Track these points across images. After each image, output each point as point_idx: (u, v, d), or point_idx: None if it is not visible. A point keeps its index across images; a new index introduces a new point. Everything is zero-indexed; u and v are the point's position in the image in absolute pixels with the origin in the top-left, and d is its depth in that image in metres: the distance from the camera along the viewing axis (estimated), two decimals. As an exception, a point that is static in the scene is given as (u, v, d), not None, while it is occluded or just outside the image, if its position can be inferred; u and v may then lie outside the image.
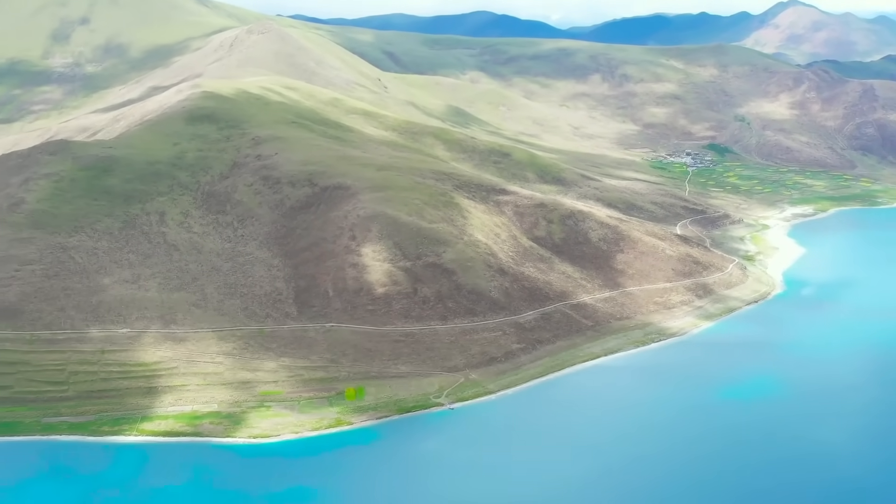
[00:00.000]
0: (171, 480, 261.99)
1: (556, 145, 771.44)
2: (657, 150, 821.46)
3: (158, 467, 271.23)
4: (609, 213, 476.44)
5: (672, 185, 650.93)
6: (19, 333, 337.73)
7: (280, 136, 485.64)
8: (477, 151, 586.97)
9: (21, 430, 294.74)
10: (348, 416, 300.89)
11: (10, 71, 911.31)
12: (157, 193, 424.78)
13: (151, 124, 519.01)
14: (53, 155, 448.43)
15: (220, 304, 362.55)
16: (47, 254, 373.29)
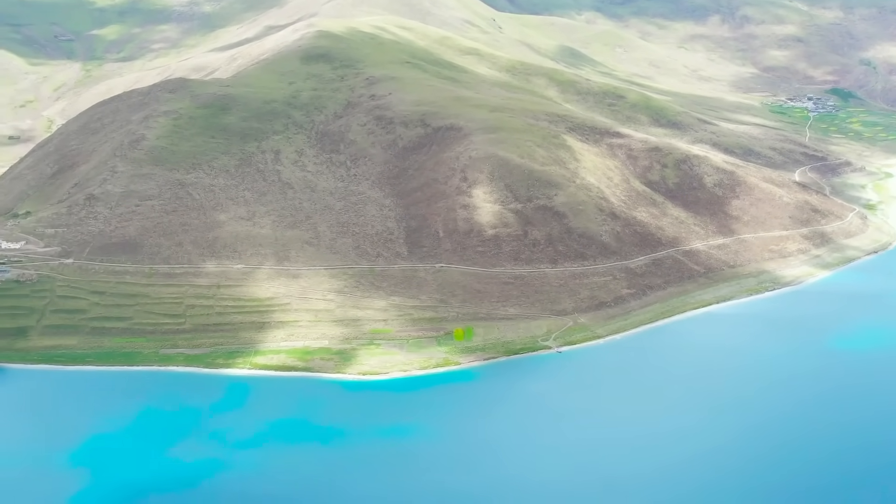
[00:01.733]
0: (283, 413, 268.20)
1: (672, 88, 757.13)
2: (777, 94, 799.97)
3: (270, 400, 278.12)
4: (725, 158, 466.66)
5: (791, 130, 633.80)
6: (139, 267, 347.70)
7: (394, 76, 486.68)
8: (591, 93, 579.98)
9: (139, 361, 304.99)
10: (456, 357, 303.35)
11: (130, 9, 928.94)
12: (272, 132, 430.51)
13: (267, 63, 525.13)
14: (173, 93, 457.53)
15: (333, 243, 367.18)
16: (166, 190, 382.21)
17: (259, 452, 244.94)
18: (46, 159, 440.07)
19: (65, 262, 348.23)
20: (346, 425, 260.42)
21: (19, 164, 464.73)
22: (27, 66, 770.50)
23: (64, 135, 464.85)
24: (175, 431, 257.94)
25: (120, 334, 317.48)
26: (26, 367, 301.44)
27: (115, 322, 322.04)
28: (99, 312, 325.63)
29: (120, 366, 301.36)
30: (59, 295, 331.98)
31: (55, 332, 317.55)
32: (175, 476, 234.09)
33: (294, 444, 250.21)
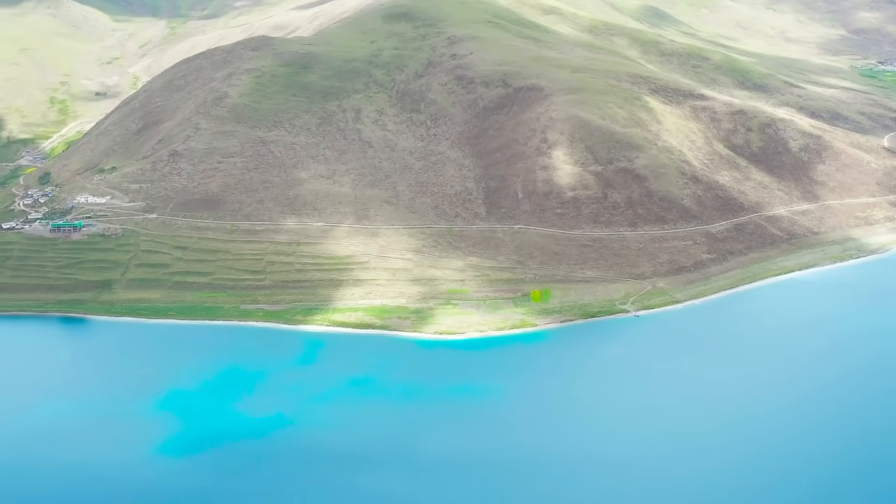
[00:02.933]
0: (358, 370, 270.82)
1: (758, 49, 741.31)
2: (867, 57, 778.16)
3: (346, 357, 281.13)
4: (811, 123, 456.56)
5: (882, 94, 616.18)
6: (220, 223, 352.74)
7: (475, 36, 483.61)
8: (674, 54, 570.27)
9: (220, 315, 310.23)
10: (532, 318, 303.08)
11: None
12: (353, 91, 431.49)
13: (349, 22, 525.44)
14: (255, 51, 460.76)
15: (411, 202, 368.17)
16: (248, 147, 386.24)
17: (334, 408, 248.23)
18: (131, 116, 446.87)
19: (149, 217, 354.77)
20: (421, 383, 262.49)
21: (105, 121, 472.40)
22: (113, 22, 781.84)
23: (148, 91, 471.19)
24: (252, 386, 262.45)
25: (202, 289, 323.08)
26: (111, 319, 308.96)
27: (197, 277, 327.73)
28: (181, 267, 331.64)
29: (201, 320, 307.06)
30: (143, 249, 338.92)
31: (139, 286, 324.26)
32: (250, 429, 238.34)
33: (369, 401, 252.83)
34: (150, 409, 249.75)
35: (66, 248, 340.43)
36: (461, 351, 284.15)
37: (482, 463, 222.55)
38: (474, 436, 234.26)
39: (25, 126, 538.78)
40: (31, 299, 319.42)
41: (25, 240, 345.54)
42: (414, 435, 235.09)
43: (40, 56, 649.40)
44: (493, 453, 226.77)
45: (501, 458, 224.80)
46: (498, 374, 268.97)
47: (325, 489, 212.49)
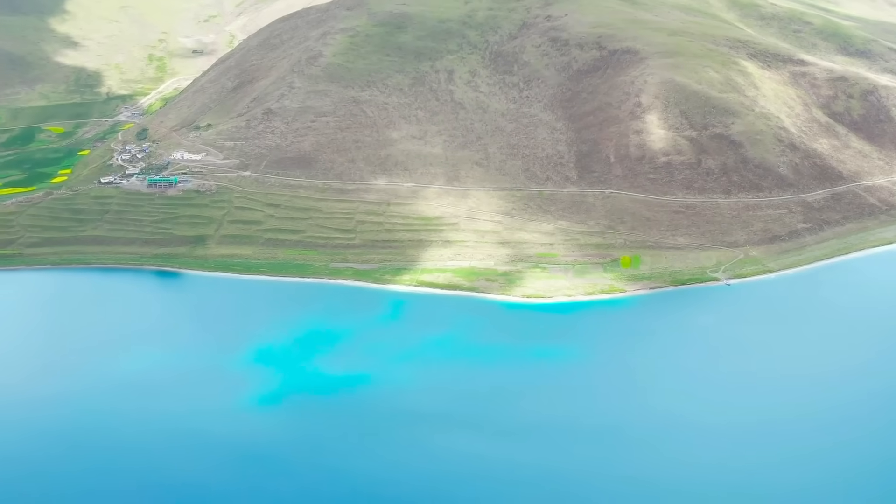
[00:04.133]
0: (445, 331, 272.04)
1: (861, 14, 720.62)
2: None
3: (434, 318, 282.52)
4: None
5: None
6: (313, 181, 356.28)
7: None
8: (774, 18, 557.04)
9: (311, 272, 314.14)
10: (622, 284, 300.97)
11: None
12: (446, 51, 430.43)
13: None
14: (350, 10, 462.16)
15: (502, 164, 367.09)
16: (341, 106, 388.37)
17: (418, 368, 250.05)
18: (227, 73, 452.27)
19: (242, 175, 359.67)
20: (507, 346, 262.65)
21: (202, 78, 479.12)
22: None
23: (244, 50, 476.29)
24: (339, 343, 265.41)
25: (292, 246, 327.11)
26: (204, 273, 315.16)
27: (289, 234, 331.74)
28: (273, 224, 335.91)
29: (291, 277, 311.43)
30: (237, 206, 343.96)
31: (231, 242, 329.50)
32: (334, 386, 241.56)
33: (453, 362, 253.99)
34: (238, 362, 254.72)
35: (161, 203, 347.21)
36: (548, 315, 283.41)
37: (565, 427, 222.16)
38: (558, 400, 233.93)
39: (124, 82, 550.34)
40: (127, 252, 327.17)
41: (123, 194, 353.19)
42: (497, 397, 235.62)
43: (139, 13, 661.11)
44: (575, 417, 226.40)
45: (584, 423, 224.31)
46: (584, 339, 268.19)
47: (406, 448, 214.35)
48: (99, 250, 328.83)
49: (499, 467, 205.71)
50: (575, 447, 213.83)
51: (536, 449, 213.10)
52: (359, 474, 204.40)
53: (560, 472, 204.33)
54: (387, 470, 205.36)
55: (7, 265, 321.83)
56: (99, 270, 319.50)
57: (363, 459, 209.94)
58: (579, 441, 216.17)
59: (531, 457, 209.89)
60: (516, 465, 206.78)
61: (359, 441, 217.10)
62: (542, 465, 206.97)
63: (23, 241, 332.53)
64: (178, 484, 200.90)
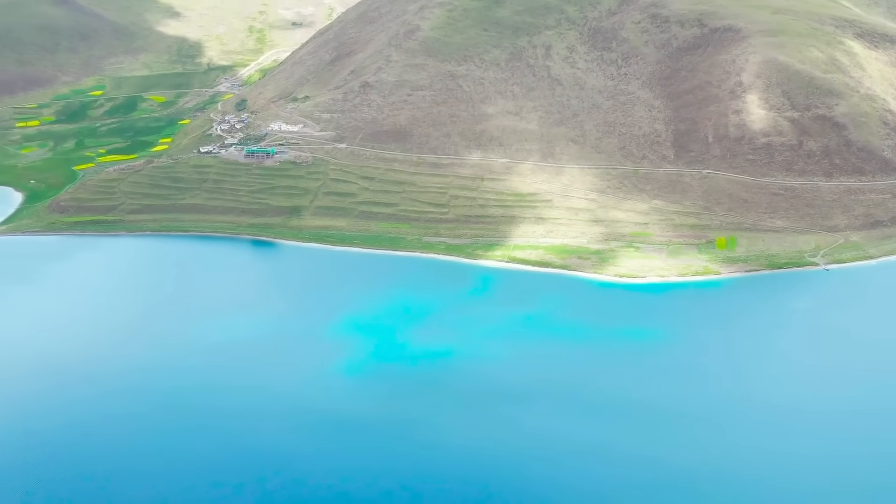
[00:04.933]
0: (535, 308, 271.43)
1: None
2: None
3: (524, 294, 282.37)
4: None
5: None
6: (407, 155, 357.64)
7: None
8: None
9: (403, 246, 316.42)
10: (716, 266, 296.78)
11: None
12: (544, 27, 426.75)
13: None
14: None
15: (598, 142, 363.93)
16: (437, 81, 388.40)
17: (507, 344, 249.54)
18: (326, 46, 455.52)
19: (338, 147, 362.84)
20: (597, 325, 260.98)
21: (300, 50, 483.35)
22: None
23: (343, 23, 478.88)
24: (428, 317, 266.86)
25: (386, 219, 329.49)
26: (298, 244, 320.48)
27: (383, 207, 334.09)
28: (368, 197, 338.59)
29: (384, 249, 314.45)
30: (332, 178, 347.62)
31: (326, 213, 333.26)
32: (421, 358, 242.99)
33: (542, 339, 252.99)
34: (329, 332, 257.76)
35: (258, 173, 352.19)
36: (641, 294, 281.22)
37: (654, 409, 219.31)
38: (648, 382, 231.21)
39: (225, 53, 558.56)
40: (224, 221, 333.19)
41: (221, 164, 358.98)
42: (586, 377, 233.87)
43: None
44: (664, 400, 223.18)
45: (673, 406, 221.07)
46: (676, 320, 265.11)
47: (494, 423, 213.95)
48: (196, 218, 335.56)
49: (586, 447, 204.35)
50: (664, 430, 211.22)
51: (624, 430, 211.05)
52: (447, 447, 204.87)
53: (647, 455, 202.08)
54: (474, 445, 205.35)
55: (108, 231, 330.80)
56: (196, 238, 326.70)
57: (451, 433, 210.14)
58: (668, 424, 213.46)
59: (619, 438, 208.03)
60: (603, 445, 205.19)
61: (447, 415, 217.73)
62: (630, 447, 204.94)
63: (124, 207, 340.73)
64: (266, 448, 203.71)
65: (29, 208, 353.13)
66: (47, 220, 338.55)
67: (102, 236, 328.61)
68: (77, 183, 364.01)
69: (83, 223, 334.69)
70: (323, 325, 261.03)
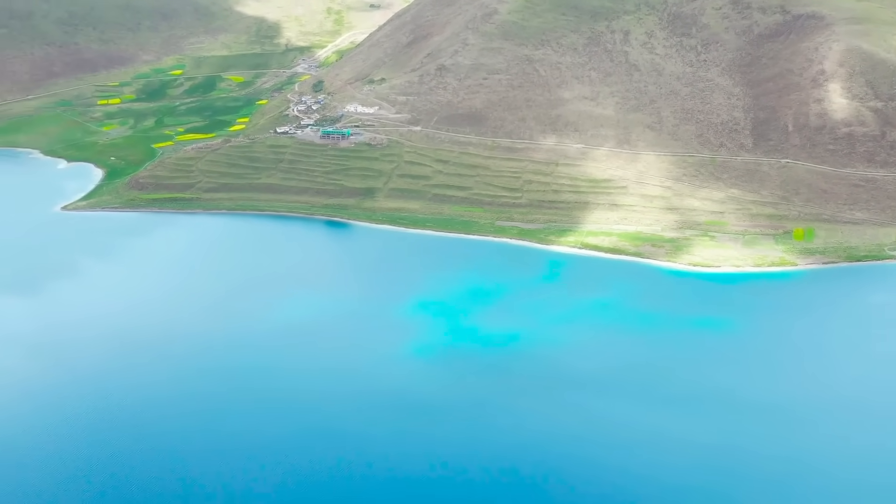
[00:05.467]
0: (606, 294, 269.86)
1: None
2: None
3: (596, 281, 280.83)
4: None
5: None
6: (482, 139, 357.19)
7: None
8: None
9: (476, 230, 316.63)
10: (793, 257, 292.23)
11: None
12: (623, 12, 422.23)
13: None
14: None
15: (675, 129, 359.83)
16: (514, 65, 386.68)
17: (579, 331, 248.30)
18: (403, 28, 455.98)
19: (413, 129, 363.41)
20: (670, 314, 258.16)
21: (377, 32, 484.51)
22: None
23: (420, 5, 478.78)
24: (498, 301, 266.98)
25: (459, 203, 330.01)
26: (371, 225, 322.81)
27: (456, 191, 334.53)
28: (441, 180, 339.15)
29: (456, 233, 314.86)
30: (406, 160, 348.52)
31: (399, 196, 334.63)
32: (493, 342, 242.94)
33: (615, 327, 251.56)
34: (400, 313, 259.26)
35: (333, 154, 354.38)
36: (715, 284, 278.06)
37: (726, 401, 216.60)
38: (720, 372, 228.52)
39: (303, 35, 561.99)
40: (299, 201, 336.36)
41: (297, 144, 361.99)
42: (657, 366, 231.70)
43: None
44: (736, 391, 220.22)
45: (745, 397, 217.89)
46: (751, 311, 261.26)
47: (562, 409, 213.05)
48: (271, 198, 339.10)
49: (655, 436, 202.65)
50: (735, 422, 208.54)
51: (695, 421, 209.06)
52: (517, 432, 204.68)
53: (717, 445, 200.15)
54: (545, 430, 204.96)
55: (185, 208, 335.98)
56: (270, 217, 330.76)
57: (521, 418, 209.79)
58: (739, 416, 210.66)
59: (688, 428, 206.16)
60: (674, 435, 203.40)
61: (517, 399, 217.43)
62: (700, 437, 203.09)
63: (201, 185, 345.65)
64: (337, 429, 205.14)
65: (109, 185, 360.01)
66: (126, 197, 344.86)
67: (179, 214, 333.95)
68: (156, 161, 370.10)
69: (161, 200, 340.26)
70: (394, 307, 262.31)
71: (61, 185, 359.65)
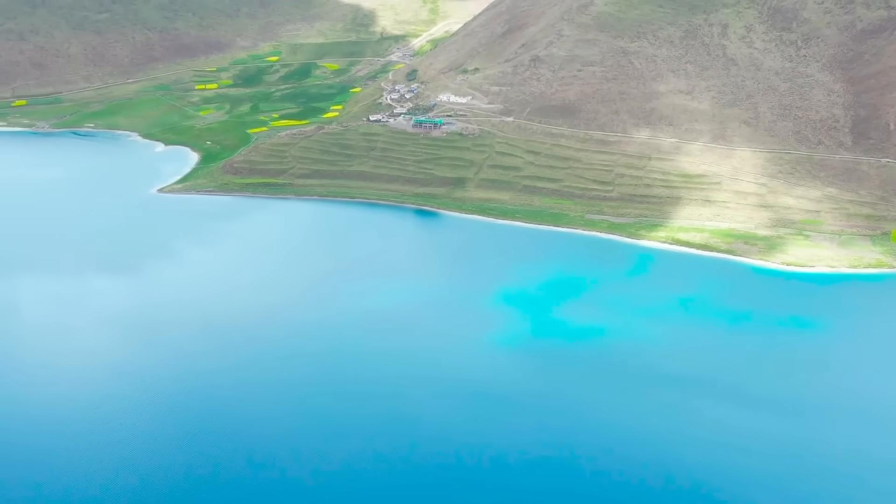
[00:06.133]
0: (699, 291, 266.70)
1: None
2: None
3: (684, 277, 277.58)
4: None
5: None
6: (574, 131, 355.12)
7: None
8: None
9: (565, 222, 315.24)
10: (891, 259, 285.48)
11: None
12: (722, 5, 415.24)
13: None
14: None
15: (772, 125, 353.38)
16: (608, 57, 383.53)
17: (667, 328, 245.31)
18: (498, 19, 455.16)
19: (505, 120, 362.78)
20: (763, 314, 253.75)
21: (473, 22, 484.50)
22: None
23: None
24: (588, 294, 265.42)
25: (549, 195, 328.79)
26: (460, 215, 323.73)
27: (547, 183, 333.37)
28: (532, 172, 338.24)
29: (546, 225, 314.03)
30: (497, 151, 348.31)
31: (490, 186, 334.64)
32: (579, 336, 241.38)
33: (705, 325, 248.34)
34: (486, 303, 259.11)
35: (425, 143, 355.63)
36: (807, 284, 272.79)
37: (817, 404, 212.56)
38: (812, 375, 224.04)
39: (398, 23, 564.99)
40: (389, 189, 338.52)
41: (389, 133, 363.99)
42: (748, 365, 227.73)
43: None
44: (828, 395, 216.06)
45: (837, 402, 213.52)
46: (846, 313, 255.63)
47: (649, 405, 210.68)
48: (363, 185, 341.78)
49: (744, 437, 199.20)
50: (825, 426, 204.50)
51: (784, 423, 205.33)
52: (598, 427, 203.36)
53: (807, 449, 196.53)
54: (632, 426, 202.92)
55: (277, 193, 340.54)
56: (361, 204, 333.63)
57: (608, 413, 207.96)
58: (831, 420, 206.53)
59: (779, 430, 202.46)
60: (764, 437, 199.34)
61: (599, 394, 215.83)
62: (790, 440, 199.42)
63: (293, 171, 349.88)
64: (421, 417, 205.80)
65: (204, 168, 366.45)
66: (221, 181, 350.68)
67: (271, 199, 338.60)
68: (250, 146, 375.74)
69: (254, 185, 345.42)
70: (480, 296, 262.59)
71: (158, 168, 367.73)
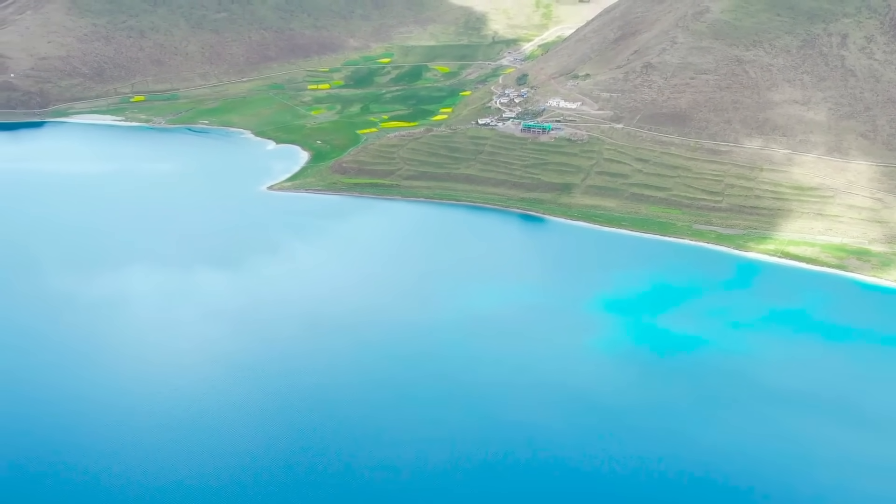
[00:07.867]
0: (808, 306, 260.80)
1: None
2: None
3: (791, 292, 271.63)
4: None
5: None
6: (685, 140, 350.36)
7: None
8: None
9: (672, 232, 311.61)
10: None
11: None
12: (842, 14, 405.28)
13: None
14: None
15: (890, 139, 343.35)
16: (723, 65, 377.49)
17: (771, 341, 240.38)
18: (611, 24, 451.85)
19: (615, 127, 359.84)
20: (873, 331, 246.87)
21: (585, 27, 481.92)
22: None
23: (630, 1, 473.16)
24: (692, 305, 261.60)
25: (657, 203, 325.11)
26: (566, 221, 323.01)
27: (654, 191, 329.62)
28: (640, 179, 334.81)
29: (652, 233, 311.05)
30: (605, 158, 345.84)
31: (596, 193, 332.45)
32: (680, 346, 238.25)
33: (811, 340, 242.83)
34: (586, 309, 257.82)
35: (533, 148, 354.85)
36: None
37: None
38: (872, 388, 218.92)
39: (510, 27, 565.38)
40: (496, 193, 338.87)
41: (497, 136, 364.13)
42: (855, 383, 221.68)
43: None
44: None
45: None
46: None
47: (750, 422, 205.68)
48: (469, 188, 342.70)
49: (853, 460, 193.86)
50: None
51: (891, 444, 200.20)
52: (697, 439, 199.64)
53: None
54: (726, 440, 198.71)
55: (384, 194, 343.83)
56: (467, 207, 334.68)
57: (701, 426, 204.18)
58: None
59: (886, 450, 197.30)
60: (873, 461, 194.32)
61: (699, 405, 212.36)
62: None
63: (401, 172, 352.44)
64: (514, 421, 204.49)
65: (313, 167, 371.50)
66: (329, 180, 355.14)
67: (378, 199, 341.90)
68: (359, 146, 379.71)
69: (361, 185, 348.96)
70: (582, 303, 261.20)
71: (269, 166, 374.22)
